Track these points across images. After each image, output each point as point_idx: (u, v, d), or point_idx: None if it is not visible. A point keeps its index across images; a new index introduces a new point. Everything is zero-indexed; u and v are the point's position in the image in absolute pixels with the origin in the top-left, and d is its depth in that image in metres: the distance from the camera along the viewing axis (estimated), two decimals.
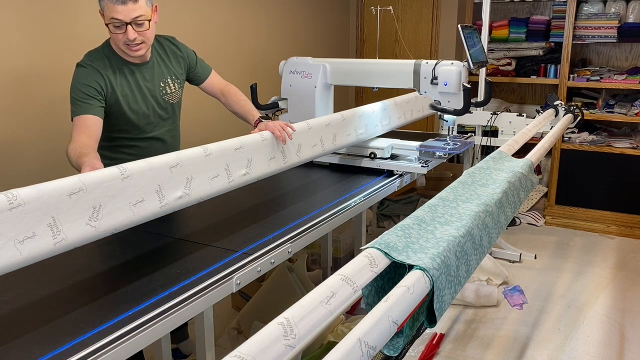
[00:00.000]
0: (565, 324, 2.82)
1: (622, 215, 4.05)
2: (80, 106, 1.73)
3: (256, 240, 1.64)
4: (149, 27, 1.77)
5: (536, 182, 1.73)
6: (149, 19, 1.76)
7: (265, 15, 3.82)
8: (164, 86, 1.96)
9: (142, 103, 1.90)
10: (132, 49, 1.78)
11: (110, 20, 1.71)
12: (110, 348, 1.10)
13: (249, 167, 1.68)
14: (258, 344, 0.68)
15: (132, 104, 1.87)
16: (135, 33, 1.74)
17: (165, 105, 1.98)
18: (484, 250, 1.21)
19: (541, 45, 4.24)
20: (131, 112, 1.88)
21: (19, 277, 1.36)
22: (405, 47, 4.74)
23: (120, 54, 1.84)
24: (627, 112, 4.01)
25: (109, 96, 1.81)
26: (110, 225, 1.27)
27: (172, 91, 2.00)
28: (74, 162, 1.56)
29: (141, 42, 1.78)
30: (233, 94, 2.09)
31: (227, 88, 2.12)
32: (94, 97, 1.75)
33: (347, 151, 2.47)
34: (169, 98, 1.99)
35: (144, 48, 1.81)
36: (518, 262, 3.58)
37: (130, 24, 1.72)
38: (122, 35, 1.74)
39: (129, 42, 1.76)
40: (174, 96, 2.01)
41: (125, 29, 1.72)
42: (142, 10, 1.73)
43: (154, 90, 1.93)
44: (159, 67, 1.95)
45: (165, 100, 1.98)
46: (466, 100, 2.17)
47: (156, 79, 1.93)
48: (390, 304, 0.83)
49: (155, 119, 1.97)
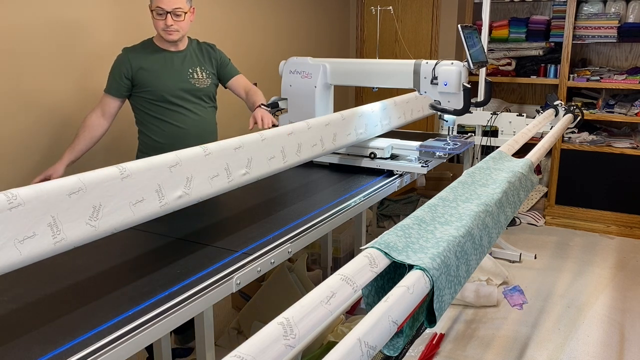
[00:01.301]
0: (565, 324, 2.82)
1: (622, 215, 4.05)
2: (109, 86, 2.27)
3: (256, 240, 1.64)
4: (184, 19, 2.21)
5: (536, 182, 1.73)
6: (186, 12, 2.21)
7: (265, 15, 3.82)
8: (192, 72, 2.33)
9: (172, 82, 2.28)
10: (168, 33, 2.22)
11: (155, 8, 2.17)
12: (110, 348, 1.10)
13: (249, 167, 1.68)
14: (258, 344, 0.68)
15: (164, 82, 2.27)
16: (172, 21, 2.18)
17: (192, 88, 2.33)
18: (484, 250, 1.21)
19: (541, 45, 4.24)
20: (163, 88, 2.27)
21: (19, 277, 1.36)
22: (405, 47, 4.74)
23: (157, 42, 2.30)
24: (627, 112, 4.01)
25: (134, 73, 2.24)
26: (110, 225, 1.27)
27: (200, 77, 2.36)
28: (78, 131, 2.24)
29: (176, 30, 2.21)
30: (254, 93, 2.44)
31: (250, 87, 2.47)
32: (118, 79, 2.24)
33: (347, 151, 2.47)
34: (195, 82, 2.34)
35: (177, 35, 2.24)
36: (518, 262, 3.58)
37: (170, 13, 2.17)
38: (162, 22, 2.19)
39: (166, 28, 2.19)
40: (201, 82, 2.36)
41: (166, 17, 2.17)
42: (181, 4, 2.18)
43: (182, 72, 2.31)
44: (190, 58, 2.35)
45: (192, 83, 2.33)
46: (466, 100, 2.16)
47: (186, 64, 2.33)
48: (390, 304, 0.83)
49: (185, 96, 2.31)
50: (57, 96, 2.49)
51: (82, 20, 2.56)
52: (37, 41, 2.37)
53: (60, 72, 2.49)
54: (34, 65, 2.38)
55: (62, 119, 2.52)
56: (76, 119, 2.55)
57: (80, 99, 2.59)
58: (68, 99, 2.54)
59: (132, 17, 2.80)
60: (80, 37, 2.56)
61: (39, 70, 2.40)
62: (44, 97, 2.43)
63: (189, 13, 2.23)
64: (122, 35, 2.73)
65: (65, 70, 2.51)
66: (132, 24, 2.80)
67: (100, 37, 2.65)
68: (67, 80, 2.53)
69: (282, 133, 1.86)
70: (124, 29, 2.77)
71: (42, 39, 2.39)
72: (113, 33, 2.71)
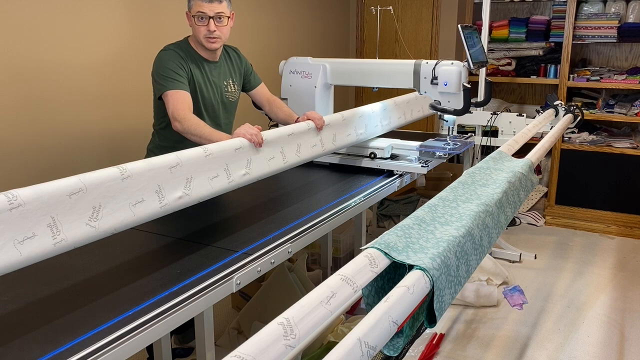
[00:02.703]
0: (565, 324, 2.82)
1: (622, 215, 4.05)
2: (173, 82, 1.99)
3: (256, 240, 1.64)
4: (227, 24, 2.08)
5: (536, 182, 1.73)
6: (228, 16, 2.08)
7: (266, 15, 3.82)
8: (226, 85, 2.23)
9: (211, 94, 2.16)
10: (210, 41, 2.07)
11: (197, 13, 2.02)
12: (110, 348, 1.10)
13: (249, 167, 1.68)
14: (258, 344, 0.68)
15: (204, 93, 2.13)
16: (215, 26, 2.04)
17: (226, 102, 2.24)
18: (484, 250, 1.21)
19: (541, 45, 4.24)
20: (203, 100, 2.13)
21: (19, 277, 1.36)
22: (405, 47, 4.74)
23: (197, 48, 2.12)
24: (627, 112, 4.01)
25: (188, 75, 2.06)
26: (110, 225, 1.27)
27: (232, 91, 2.26)
28: (203, 135, 1.86)
29: (218, 37, 2.07)
30: (278, 102, 2.36)
31: (273, 98, 2.38)
32: (183, 76, 2.03)
33: (347, 151, 2.47)
34: (229, 96, 2.25)
35: (219, 42, 2.09)
36: (518, 262, 3.57)
37: (212, 18, 2.03)
38: (204, 27, 2.04)
39: (209, 35, 2.05)
40: (233, 95, 2.28)
41: (208, 22, 2.03)
42: (224, 9, 2.05)
43: (220, 86, 2.20)
44: (224, 68, 2.23)
45: (227, 97, 2.23)
46: (466, 100, 2.17)
47: (222, 77, 2.21)
48: (390, 304, 0.83)
49: (219, 112, 2.21)
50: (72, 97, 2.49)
51: (95, 27, 2.57)
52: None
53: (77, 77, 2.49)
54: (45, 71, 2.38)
55: (79, 123, 2.52)
56: (84, 123, 2.56)
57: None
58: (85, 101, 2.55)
59: (144, 24, 2.80)
60: (92, 44, 2.57)
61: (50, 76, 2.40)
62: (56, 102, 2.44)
63: (230, 18, 2.10)
64: (137, 41, 2.74)
65: (82, 75, 2.52)
66: (143, 30, 2.80)
67: (114, 44, 2.66)
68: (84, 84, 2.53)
69: (282, 133, 1.86)
70: (137, 35, 2.77)
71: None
72: (126, 39, 2.71)
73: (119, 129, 2.70)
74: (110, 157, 2.73)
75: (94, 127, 2.66)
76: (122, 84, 2.78)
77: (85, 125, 2.62)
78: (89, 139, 2.64)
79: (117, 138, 2.77)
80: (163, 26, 2.94)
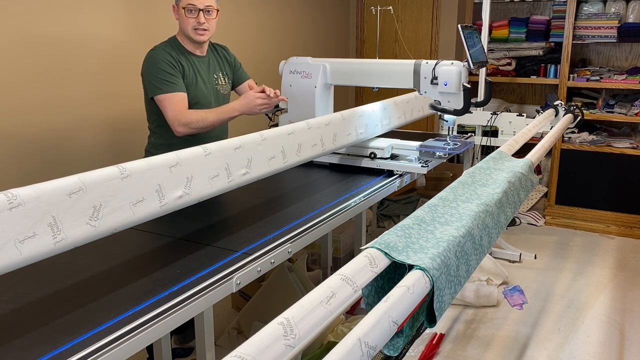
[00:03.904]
0: (565, 324, 2.82)
1: (622, 215, 4.05)
2: (168, 85, 2.06)
3: (256, 240, 1.64)
4: (215, 17, 2.16)
5: (536, 182, 1.73)
6: (217, 9, 2.17)
7: (266, 15, 3.82)
8: (216, 78, 2.30)
9: (202, 87, 2.22)
10: (199, 33, 2.14)
11: (187, 6, 2.09)
12: (110, 348, 1.10)
13: (249, 167, 1.68)
14: (258, 344, 0.68)
15: (196, 86, 2.19)
16: (204, 19, 2.11)
17: (217, 95, 2.30)
18: (484, 250, 1.21)
19: (541, 45, 4.24)
20: (195, 95, 2.18)
21: (19, 277, 1.36)
22: (405, 47, 4.74)
23: (184, 43, 2.18)
24: (627, 112, 4.01)
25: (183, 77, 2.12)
26: (111, 225, 1.27)
27: (223, 84, 2.34)
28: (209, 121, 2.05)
29: (207, 29, 2.15)
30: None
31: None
32: (177, 76, 2.09)
33: (347, 151, 2.47)
34: (220, 88, 2.33)
35: (207, 35, 2.17)
36: (518, 262, 3.58)
37: (202, 11, 2.10)
38: (193, 19, 2.11)
39: (198, 27, 2.12)
40: (224, 88, 2.36)
41: (197, 14, 2.10)
42: (212, 2, 2.14)
43: (210, 80, 2.26)
44: (212, 63, 2.30)
45: (217, 90, 2.31)
46: (466, 100, 2.16)
47: (210, 71, 2.28)
48: (390, 304, 0.83)
49: (212, 104, 2.25)
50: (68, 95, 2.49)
51: (95, 28, 2.57)
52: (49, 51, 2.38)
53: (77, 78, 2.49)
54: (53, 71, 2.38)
55: (82, 120, 2.52)
56: (89, 121, 2.56)
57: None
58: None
59: (144, 22, 2.80)
60: (92, 45, 2.57)
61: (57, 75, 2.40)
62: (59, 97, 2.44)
63: (217, 12, 2.18)
64: (135, 40, 2.74)
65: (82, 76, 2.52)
66: (143, 28, 2.80)
67: (114, 43, 2.66)
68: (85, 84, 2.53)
69: (282, 133, 1.86)
70: (135, 34, 2.77)
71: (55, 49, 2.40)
72: (125, 39, 2.71)
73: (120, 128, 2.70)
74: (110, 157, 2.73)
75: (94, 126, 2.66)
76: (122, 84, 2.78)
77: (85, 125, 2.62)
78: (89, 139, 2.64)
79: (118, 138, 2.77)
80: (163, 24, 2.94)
